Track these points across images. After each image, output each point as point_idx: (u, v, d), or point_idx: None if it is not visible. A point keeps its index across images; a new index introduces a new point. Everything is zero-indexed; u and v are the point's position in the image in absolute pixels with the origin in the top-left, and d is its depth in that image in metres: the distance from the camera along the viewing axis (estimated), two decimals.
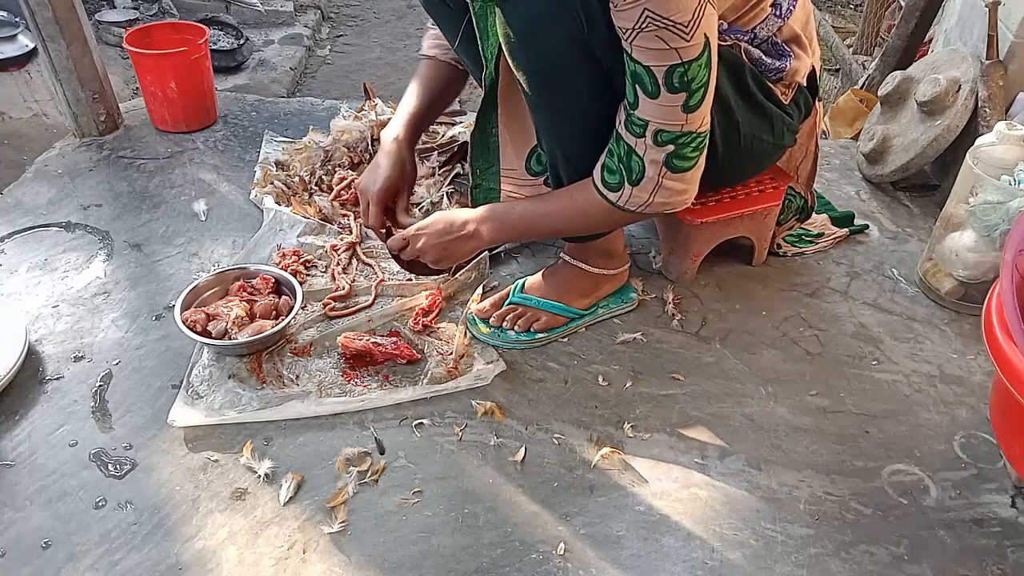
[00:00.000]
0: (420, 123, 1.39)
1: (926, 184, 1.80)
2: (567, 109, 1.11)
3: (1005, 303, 0.97)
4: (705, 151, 1.08)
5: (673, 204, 1.11)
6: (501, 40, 1.06)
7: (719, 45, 1.13)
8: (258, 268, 1.38)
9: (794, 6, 1.21)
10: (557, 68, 1.05)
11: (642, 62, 0.98)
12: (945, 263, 1.42)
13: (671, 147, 1.04)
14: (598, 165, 1.11)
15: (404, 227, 1.27)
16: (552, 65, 1.05)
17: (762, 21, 1.18)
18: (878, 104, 1.88)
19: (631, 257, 1.45)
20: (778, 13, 1.19)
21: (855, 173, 1.84)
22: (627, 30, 0.96)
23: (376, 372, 1.26)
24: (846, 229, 1.62)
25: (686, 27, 0.94)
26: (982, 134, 1.43)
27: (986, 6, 1.59)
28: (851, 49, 3.02)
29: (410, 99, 1.38)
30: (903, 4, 2.22)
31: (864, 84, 2.27)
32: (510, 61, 1.08)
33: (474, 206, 1.40)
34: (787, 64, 1.22)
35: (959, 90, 1.63)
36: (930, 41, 2.18)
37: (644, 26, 0.94)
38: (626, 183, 1.08)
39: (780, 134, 1.28)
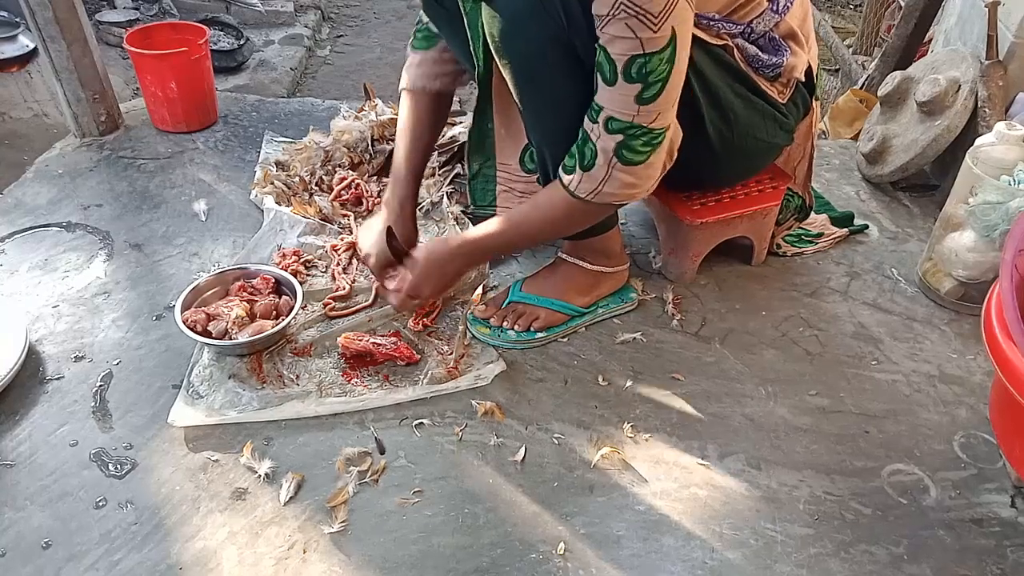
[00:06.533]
0: (418, 175, 1.38)
1: (926, 184, 1.80)
2: (551, 106, 1.12)
3: (1005, 303, 0.97)
4: (661, 150, 1.07)
5: (621, 197, 1.11)
6: (488, 38, 1.08)
7: (713, 44, 1.13)
8: (258, 268, 1.38)
9: (791, 2, 1.21)
10: (540, 66, 1.07)
11: (607, 49, 0.99)
12: (945, 263, 1.42)
13: (620, 136, 1.04)
14: None
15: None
16: (535, 63, 1.07)
17: (758, 16, 1.18)
18: (878, 104, 1.88)
19: (631, 257, 1.45)
20: (775, 8, 1.19)
21: (855, 173, 1.84)
22: (602, 17, 0.97)
23: (376, 372, 1.26)
24: (846, 229, 1.62)
25: (656, 17, 0.94)
26: (982, 134, 1.43)
27: (985, 6, 1.59)
28: (851, 49, 3.02)
29: (402, 151, 1.34)
30: (903, 4, 2.22)
31: (864, 84, 2.27)
32: (496, 59, 1.10)
33: (472, 201, 1.41)
34: (783, 60, 1.22)
35: (959, 90, 1.63)
36: (930, 41, 2.18)
37: (616, 13, 0.95)
38: (578, 167, 1.09)
39: (775, 133, 1.28)
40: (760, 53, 1.20)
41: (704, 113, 1.17)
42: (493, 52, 1.09)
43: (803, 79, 1.28)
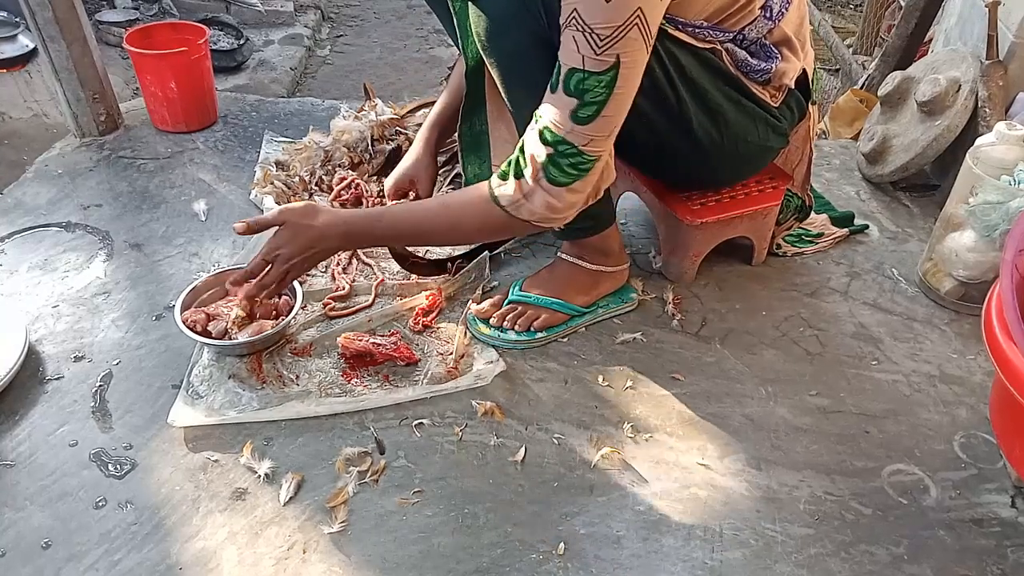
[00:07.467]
0: (448, 122, 1.45)
1: (926, 184, 1.80)
2: (537, 105, 1.11)
3: (1005, 303, 0.97)
4: (588, 178, 1.06)
5: (540, 218, 1.08)
6: (475, 38, 1.08)
7: (700, 48, 1.13)
8: None
9: (786, 9, 1.20)
10: (524, 65, 1.07)
11: (559, 56, 1.00)
12: (945, 263, 1.42)
13: (551, 149, 1.03)
14: None
15: None
16: (519, 62, 1.07)
17: (750, 23, 1.17)
18: (878, 104, 1.88)
19: (631, 257, 1.45)
20: (768, 15, 1.18)
21: (855, 173, 1.84)
22: (560, 25, 0.98)
23: (376, 372, 1.26)
24: (846, 229, 1.62)
25: (601, 40, 0.95)
26: (982, 134, 1.43)
27: (986, 6, 1.59)
28: (851, 49, 3.02)
29: (441, 99, 1.45)
30: (903, 4, 2.22)
31: (864, 84, 2.27)
32: (484, 58, 1.10)
33: None
34: (773, 66, 1.21)
35: (959, 90, 1.63)
36: (930, 41, 2.18)
37: (569, 23, 0.96)
38: (511, 174, 1.08)
39: (767, 136, 1.27)
40: (749, 58, 1.19)
41: (692, 116, 1.16)
42: (480, 51, 1.10)
43: (793, 85, 1.27)
